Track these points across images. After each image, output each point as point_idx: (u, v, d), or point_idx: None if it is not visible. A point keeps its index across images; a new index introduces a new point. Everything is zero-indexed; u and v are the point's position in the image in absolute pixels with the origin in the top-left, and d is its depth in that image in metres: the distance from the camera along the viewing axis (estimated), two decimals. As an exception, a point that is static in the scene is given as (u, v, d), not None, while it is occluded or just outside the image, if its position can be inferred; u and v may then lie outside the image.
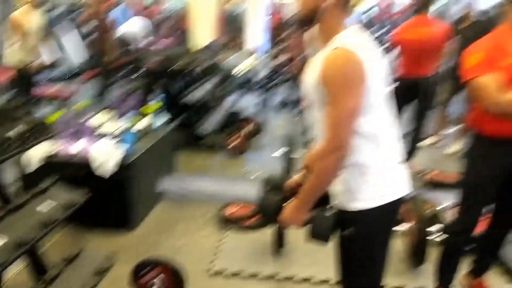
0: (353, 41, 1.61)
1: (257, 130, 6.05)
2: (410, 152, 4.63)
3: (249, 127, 5.92)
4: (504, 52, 2.19)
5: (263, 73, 9.25)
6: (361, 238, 1.69)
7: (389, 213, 1.72)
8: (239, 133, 5.35)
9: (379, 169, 1.67)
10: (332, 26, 1.65)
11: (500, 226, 2.55)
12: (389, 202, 1.68)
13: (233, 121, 6.17)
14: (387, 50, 4.52)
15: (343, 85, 1.55)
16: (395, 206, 1.72)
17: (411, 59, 4.27)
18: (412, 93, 4.30)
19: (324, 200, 1.75)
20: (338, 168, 1.62)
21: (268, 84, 8.18)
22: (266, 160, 4.92)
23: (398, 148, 1.75)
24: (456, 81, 3.06)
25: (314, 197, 1.69)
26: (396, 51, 4.38)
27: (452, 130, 5.69)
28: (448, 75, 5.08)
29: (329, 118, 1.60)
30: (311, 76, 1.68)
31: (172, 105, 5.27)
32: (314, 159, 1.68)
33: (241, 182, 4.30)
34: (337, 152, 1.58)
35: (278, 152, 4.49)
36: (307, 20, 1.69)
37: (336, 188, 1.73)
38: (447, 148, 5.34)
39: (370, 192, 1.67)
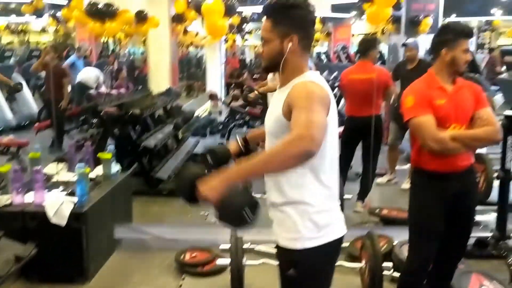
0: (318, 79, 1.73)
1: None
2: (365, 190, 4.74)
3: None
4: (435, 93, 2.37)
5: (223, 116, 9.38)
6: (304, 278, 1.70)
7: (331, 252, 1.76)
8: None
9: (321, 207, 1.70)
10: (296, 67, 1.74)
11: (445, 261, 2.61)
12: (331, 241, 1.72)
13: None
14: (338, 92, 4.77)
15: (316, 100, 1.60)
16: (337, 245, 1.76)
17: (355, 101, 4.57)
18: (359, 132, 4.54)
19: None
20: (300, 158, 1.50)
21: (228, 126, 8.29)
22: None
23: (337, 187, 1.79)
24: (401, 120, 3.26)
25: (254, 175, 1.57)
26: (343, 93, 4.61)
27: (405, 166, 5.87)
28: (395, 115, 5.31)
29: (302, 118, 1.53)
30: (274, 109, 1.74)
31: (130, 151, 5.25)
32: (280, 143, 1.54)
33: (199, 227, 4.27)
34: (307, 143, 1.48)
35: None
36: (273, 65, 1.78)
37: (278, 227, 1.75)
38: (402, 184, 5.49)
39: (312, 231, 1.69)
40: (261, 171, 1.57)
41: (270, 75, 5.77)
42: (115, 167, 4.01)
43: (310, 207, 1.69)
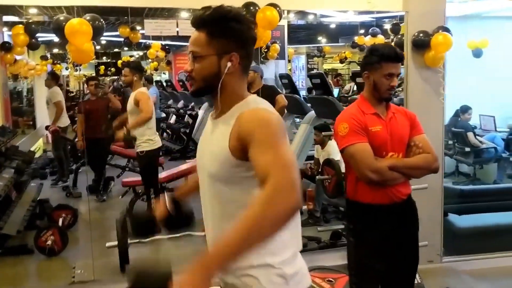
0: (267, 104, 1.44)
1: (74, 219, 5.32)
2: None
3: (64, 217, 5.16)
4: (370, 120, 2.24)
5: (62, 153, 8.38)
6: None
7: None
8: (53, 226, 4.59)
9: (286, 255, 1.42)
10: (235, 92, 1.45)
11: None
12: None
13: (43, 212, 5.34)
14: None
15: (278, 132, 1.32)
16: None
17: None
18: None
19: None
20: (288, 217, 1.21)
21: (71, 164, 7.44)
22: (96, 252, 4.26)
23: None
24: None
25: (237, 256, 1.21)
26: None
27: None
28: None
29: (270, 158, 1.25)
30: (214, 145, 1.43)
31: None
32: (252, 204, 1.22)
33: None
34: (290, 194, 1.19)
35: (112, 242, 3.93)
36: (206, 87, 1.46)
37: None
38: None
39: (280, 285, 1.40)
40: (245, 249, 1.20)
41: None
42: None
43: (274, 257, 1.39)
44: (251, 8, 3.33)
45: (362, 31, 9.89)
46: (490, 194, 4.42)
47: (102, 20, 3.13)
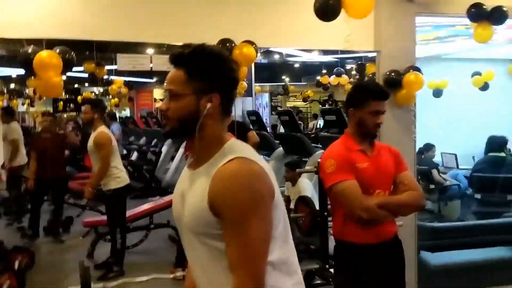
0: (249, 150, 1.33)
1: (31, 261, 4.99)
2: None
3: (20, 259, 4.84)
4: (356, 157, 2.21)
5: (17, 192, 7.98)
6: None
7: None
8: (8, 270, 4.29)
9: None
10: (214, 136, 1.34)
11: None
12: None
13: (-3, 255, 4.99)
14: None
15: (252, 206, 1.23)
16: None
17: None
18: None
19: None
20: None
21: (23, 205, 7.06)
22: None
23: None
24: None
25: None
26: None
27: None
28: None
29: (237, 251, 1.24)
30: (192, 197, 1.31)
31: None
32: None
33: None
34: None
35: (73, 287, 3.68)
36: (183, 129, 1.34)
37: None
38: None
39: None
40: None
41: None
42: None
43: None
44: (228, 44, 3.30)
45: (324, 71, 10.11)
46: (461, 231, 4.46)
47: (72, 53, 3.01)
